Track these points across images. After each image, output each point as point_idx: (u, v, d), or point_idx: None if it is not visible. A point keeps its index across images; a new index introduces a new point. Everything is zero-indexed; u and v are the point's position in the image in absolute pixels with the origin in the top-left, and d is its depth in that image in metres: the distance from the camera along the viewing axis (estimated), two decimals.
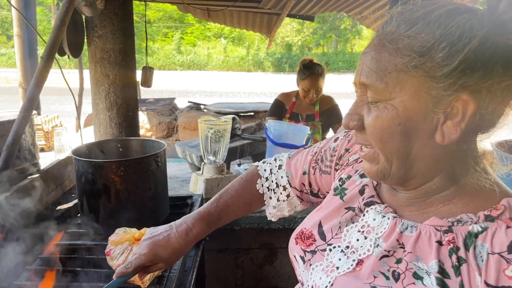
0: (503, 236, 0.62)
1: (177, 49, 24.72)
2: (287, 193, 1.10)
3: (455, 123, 0.64)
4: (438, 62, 0.62)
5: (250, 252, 2.34)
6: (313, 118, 3.16)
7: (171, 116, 4.62)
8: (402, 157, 0.69)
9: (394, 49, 0.65)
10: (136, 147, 1.70)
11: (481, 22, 0.62)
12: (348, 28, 25.24)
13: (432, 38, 0.62)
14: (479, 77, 0.61)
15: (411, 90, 0.65)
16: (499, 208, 0.64)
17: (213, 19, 4.78)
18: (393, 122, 0.67)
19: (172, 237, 1.03)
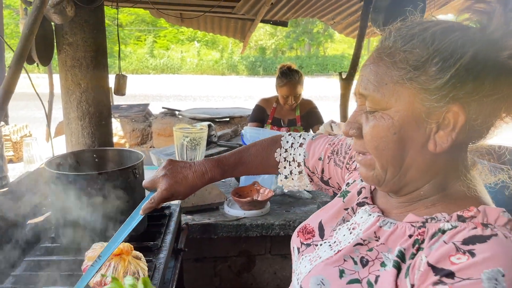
0: (465, 233, 0.64)
1: (150, 52, 24.44)
2: (300, 170, 1.19)
3: (446, 133, 0.69)
4: (432, 76, 0.67)
5: (228, 260, 2.33)
6: (294, 123, 3.19)
7: (145, 123, 4.56)
8: (397, 165, 0.74)
9: (391, 62, 0.71)
10: (113, 157, 1.67)
11: (473, 39, 0.67)
12: (320, 31, 25.54)
13: (426, 53, 0.67)
14: (469, 91, 0.66)
15: (406, 101, 0.69)
16: (472, 210, 0.67)
17: (186, 24, 4.75)
18: (389, 131, 0.71)
19: (190, 177, 1.13)
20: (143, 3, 3.10)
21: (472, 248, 0.61)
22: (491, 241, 0.61)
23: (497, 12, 0.67)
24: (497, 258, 0.59)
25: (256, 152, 1.22)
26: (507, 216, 0.65)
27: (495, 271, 0.58)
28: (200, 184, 1.14)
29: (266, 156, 1.22)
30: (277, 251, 2.33)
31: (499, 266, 0.58)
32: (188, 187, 1.13)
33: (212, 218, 2.11)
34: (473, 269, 0.59)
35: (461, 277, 0.59)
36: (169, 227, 1.68)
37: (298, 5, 3.90)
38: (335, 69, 22.95)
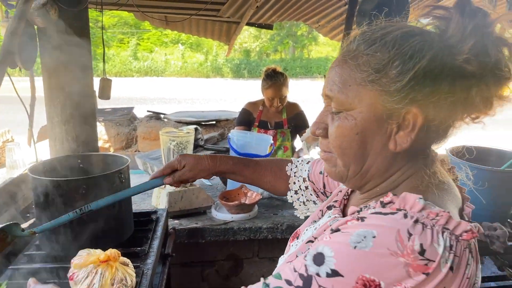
0: (371, 209, 0.69)
1: (134, 55, 24.20)
2: (306, 185, 1.25)
3: (406, 133, 0.72)
4: (392, 78, 0.70)
5: (216, 264, 2.32)
6: (281, 126, 3.20)
7: (129, 127, 4.51)
8: (359, 163, 0.77)
9: (354, 65, 0.74)
10: (98, 162, 1.65)
11: (431, 43, 0.69)
12: (304, 34, 25.67)
13: (387, 57, 0.70)
14: (427, 93, 0.69)
15: (368, 102, 0.73)
16: (389, 195, 0.70)
17: (171, 27, 4.72)
18: (352, 131, 0.74)
19: (202, 156, 1.23)
20: (128, 6, 3.08)
21: (365, 216, 0.66)
22: (386, 216, 0.65)
23: (455, 18, 0.70)
24: (379, 226, 0.63)
25: (270, 160, 1.31)
26: (423, 203, 0.66)
27: (369, 231, 0.62)
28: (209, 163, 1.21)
29: (279, 167, 1.29)
30: (264, 254, 2.33)
31: (375, 229, 0.62)
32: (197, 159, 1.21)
33: (200, 222, 2.10)
34: (353, 227, 0.65)
35: (342, 230, 0.66)
36: (156, 232, 1.66)
37: (283, 8, 3.92)
38: (320, 72, 23.08)
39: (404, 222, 0.63)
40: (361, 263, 0.61)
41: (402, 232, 0.61)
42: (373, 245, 0.61)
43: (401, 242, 0.60)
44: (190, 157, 1.22)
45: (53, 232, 1.38)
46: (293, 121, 3.24)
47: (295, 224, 2.16)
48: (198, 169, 1.21)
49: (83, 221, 1.38)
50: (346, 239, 0.63)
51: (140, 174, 2.95)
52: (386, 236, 0.61)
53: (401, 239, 0.61)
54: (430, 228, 0.63)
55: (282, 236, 2.13)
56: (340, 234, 0.65)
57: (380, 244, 0.61)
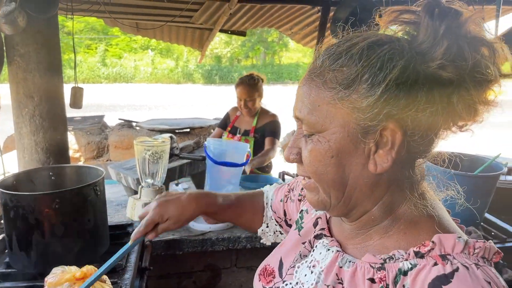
0: (427, 273, 0.60)
1: (102, 61, 23.77)
2: (270, 215, 1.15)
3: (386, 152, 0.66)
4: (363, 93, 0.64)
5: (193, 275, 2.28)
6: (247, 133, 3.18)
7: (101, 135, 4.39)
8: (339, 188, 0.70)
9: (321, 82, 0.67)
10: (71, 175, 1.59)
11: (402, 52, 0.64)
12: (275, 40, 25.88)
13: (355, 71, 0.64)
14: (403, 106, 0.63)
15: (340, 122, 0.66)
16: (428, 244, 0.63)
17: (142, 33, 4.65)
18: (326, 154, 0.68)
19: (183, 198, 1.09)
20: (99, 12, 3.01)
21: None
22: (454, 280, 0.58)
23: (424, 22, 0.64)
24: None
25: (250, 194, 1.21)
26: (463, 241, 0.62)
27: None
28: (195, 208, 1.09)
29: (257, 199, 1.19)
30: (243, 263, 2.31)
31: None
32: (180, 207, 1.07)
33: (177, 233, 2.06)
34: None
35: None
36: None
37: (256, 15, 3.93)
38: (291, 78, 23.32)
39: (475, 277, 0.59)
40: None
41: (484, 286, 0.58)
42: None
43: None
44: (172, 206, 1.07)
45: (24, 249, 1.32)
46: (262, 129, 3.16)
47: None
48: (183, 220, 1.09)
49: (56, 237, 1.32)
50: None
51: (113, 184, 2.87)
52: None
53: None
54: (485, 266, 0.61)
55: (260, 245, 2.12)
56: None
57: None
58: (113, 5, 3.15)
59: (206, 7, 3.60)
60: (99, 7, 2.60)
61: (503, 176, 2.51)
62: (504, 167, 1.82)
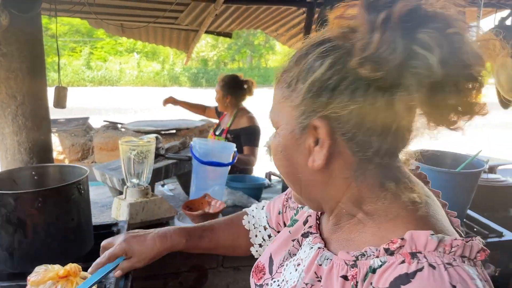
0: (391, 272, 0.58)
1: (87, 64, 23.52)
2: (268, 233, 1.13)
3: (320, 149, 0.66)
4: (297, 92, 0.67)
5: (179, 276, 2.26)
6: (221, 134, 3.18)
7: (85, 137, 4.35)
8: (295, 182, 0.74)
9: (277, 83, 0.73)
10: (54, 174, 1.57)
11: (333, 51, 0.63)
12: (262, 43, 25.96)
13: (297, 71, 0.67)
14: (325, 103, 0.63)
15: (286, 119, 0.70)
16: (395, 241, 0.61)
17: (127, 35, 4.63)
18: (277, 149, 0.73)
19: (150, 236, 1.10)
20: (83, 13, 2.99)
21: None
22: (415, 280, 0.55)
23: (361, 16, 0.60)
24: None
25: (224, 221, 1.19)
26: (436, 238, 0.58)
27: None
28: (159, 247, 1.10)
29: (236, 224, 1.17)
30: (229, 264, 2.30)
31: None
32: (145, 245, 1.08)
33: None
34: None
35: None
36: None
37: (242, 16, 3.94)
38: None
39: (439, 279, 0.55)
40: None
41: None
42: None
43: None
44: (137, 244, 1.08)
45: (6, 248, 1.30)
46: (235, 133, 3.10)
47: None
48: (147, 259, 1.11)
49: (39, 236, 1.30)
50: None
51: (98, 185, 2.84)
52: None
53: None
54: (459, 266, 0.56)
55: None
56: None
57: None
58: (98, 6, 3.13)
59: (191, 8, 3.60)
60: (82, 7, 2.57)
61: (485, 174, 2.56)
62: (485, 164, 1.86)
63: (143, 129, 3.99)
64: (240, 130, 3.09)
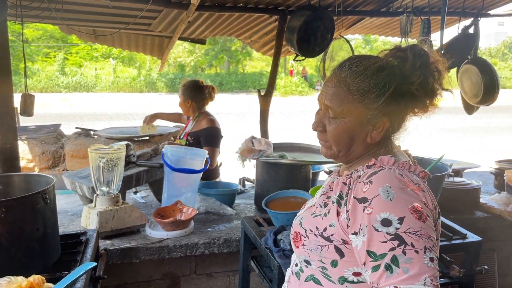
0: (369, 173, 1.04)
1: (61, 70, 23.06)
2: None
3: (378, 132, 1.10)
4: (371, 99, 1.07)
5: (152, 284, 2.25)
6: (183, 137, 3.18)
7: (56, 144, 4.26)
8: (347, 149, 1.14)
9: (347, 90, 1.09)
10: (19, 183, 1.54)
11: (395, 76, 1.07)
12: (239, 49, 26.00)
13: (368, 86, 1.07)
14: (394, 109, 1.08)
15: (355, 114, 1.10)
16: (372, 161, 1.09)
17: (100, 41, 4.58)
18: (344, 131, 1.11)
19: None
20: (51, 19, 2.94)
21: (370, 179, 1.02)
22: (380, 172, 1.03)
23: (410, 58, 1.07)
24: (383, 179, 1.00)
25: None
26: (393, 159, 1.07)
27: (385, 186, 0.98)
28: None
29: None
30: (202, 270, 2.30)
31: (386, 183, 0.99)
32: None
33: (133, 241, 2.03)
34: (374, 189, 0.98)
35: (370, 197, 0.98)
36: (86, 254, 1.59)
37: (215, 23, 3.95)
38: (255, 86, 23.42)
39: (392, 172, 1.02)
40: (402, 201, 0.95)
41: (398, 176, 1.00)
42: (394, 191, 0.96)
43: (401, 181, 0.99)
44: None
45: None
46: (195, 135, 3.11)
47: (232, 238, 2.16)
48: None
49: (2, 246, 1.28)
50: (381, 201, 0.96)
51: (68, 194, 2.80)
52: (394, 182, 0.99)
53: (400, 180, 0.99)
54: (406, 170, 1.04)
55: (219, 250, 2.12)
56: (374, 201, 0.97)
57: (397, 187, 0.97)
58: (67, 12, 3.09)
59: (164, 15, 3.59)
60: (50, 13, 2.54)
61: (451, 177, 2.63)
62: (449, 168, 1.92)
63: (116, 136, 3.94)
64: (200, 131, 3.09)
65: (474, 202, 2.57)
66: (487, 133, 12.08)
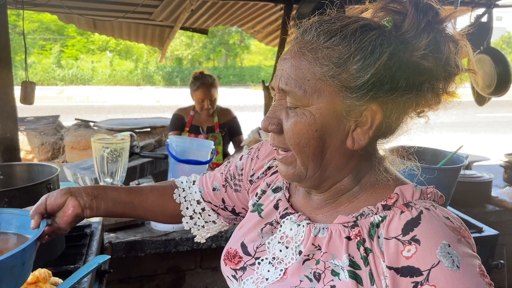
0: (397, 221, 0.69)
1: (57, 62, 22.85)
2: (202, 207, 1.09)
3: (364, 131, 0.72)
4: (352, 74, 0.68)
5: (156, 279, 2.19)
6: (213, 130, 3.14)
7: (56, 136, 4.17)
8: (317, 161, 0.74)
9: (313, 58, 0.70)
10: (22, 173, 1.48)
11: (389, 39, 0.69)
12: (237, 42, 25.83)
13: (348, 51, 0.68)
14: (387, 90, 0.69)
15: (327, 98, 0.70)
16: (393, 196, 0.72)
17: (100, 30, 4.48)
18: (310, 127, 0.71)
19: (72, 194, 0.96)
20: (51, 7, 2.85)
21: (413, 235, 0.67)
22: (422, 221, 0.68)
23: (410, 13, 0.70)
24: (434, 233, 0.66)
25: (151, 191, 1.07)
26: (419, 189, 0.74)
27: (442, 245, 0.65)
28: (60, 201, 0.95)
29: (164, 196, 1.09)
30: (207, 264, 2.24)
31: (441, 239, 0.65)
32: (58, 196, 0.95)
33: (138, 234, 1.97)
34: (427, 253, 0.65)
35: (424, 267, 0.64)
36: (91, 247, 1.52)
37: (218, 13, 3.87)
38: (252, 80, 23.34)
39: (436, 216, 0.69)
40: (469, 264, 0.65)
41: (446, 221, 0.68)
42: (455, 251, 0.65)
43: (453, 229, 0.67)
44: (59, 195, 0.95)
45: None
46: (225, 126, 3.20)
47: None
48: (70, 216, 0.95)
49: None
50: (446, 272, 0.64)
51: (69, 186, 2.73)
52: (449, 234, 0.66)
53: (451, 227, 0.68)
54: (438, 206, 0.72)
55: (226, 244, 2.06)
56: (435, 274, 0.64)
57: (454, 242, 0.66)
58: None
59: (166, 3, 3.51)
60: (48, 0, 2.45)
61: (462, 170, 2.58)
62: (465, 160, 1.86)
63: (117, 127, 3.87)
64: (227, 123, 3.19)
65: (486, 196, 2.53)
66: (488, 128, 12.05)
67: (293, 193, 0.89)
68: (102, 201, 0.99)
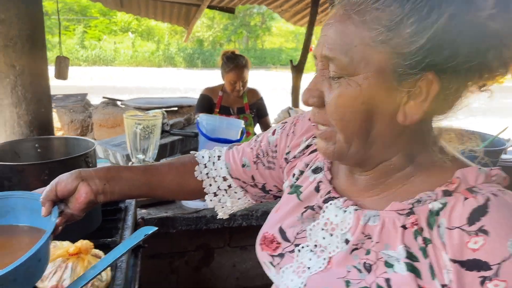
0: (461, 209, 0.61)
1: (80, 43, 23.10)
2: (228, 184, 1.02)
3: (418, 104, 0.62)
4: (406, 38, 0.59)
5: (185, 255, 2.21)
6: (243, 111, 3.12)
7: (84, 113, 4.23)
8: (363, 138, 0.67)
9: (361, 21, 0.61)
10: (59, 147, 1.48)
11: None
12: (258, 24, 25.60)
13: (401, 12, 0.59)
14: (445, 57, 0.59)
15: (376, 66, 0.62)
16: (455, 181, 0.64)
17: (126, 9, 4.47)
18: (356, 100, 0.64)
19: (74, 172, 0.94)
20: None
21: (480, 225, 0.59)
22: (490, 208, 0.60)
23: None
24: (505, 223, 0.59)
25: (169, 169, 1.01)
26: (483, 172, 0.65)
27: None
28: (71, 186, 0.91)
29: (184, 174, 1.02)
30: (236, 243, 2.25)
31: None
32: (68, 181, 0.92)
33: (170, 211, 1.97)
34: (496, 245, 0.57)
35: (493, 261, 0.57)
36: (127, 221, 1.53)
37: None
38: (273, 62, 23.16)
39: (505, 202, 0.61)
40: None
41: None
42: None
43: None
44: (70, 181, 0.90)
45: None
46: (254, 107, 3.19)
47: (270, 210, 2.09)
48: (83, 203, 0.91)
49: None
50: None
51: (99, 162, 2.75)
52: None
53: None
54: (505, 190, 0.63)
55: (257, 223, 2.05)
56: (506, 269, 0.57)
57: None
58: None
59: None
60: None
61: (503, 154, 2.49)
62: (507, 143, 1.79)
63: (144, 106, 3.88)
64: (256, 103, 3.20)
65: None
66: None
67: (335, 174, 0.82)
68: (116, 184, 0.93)
